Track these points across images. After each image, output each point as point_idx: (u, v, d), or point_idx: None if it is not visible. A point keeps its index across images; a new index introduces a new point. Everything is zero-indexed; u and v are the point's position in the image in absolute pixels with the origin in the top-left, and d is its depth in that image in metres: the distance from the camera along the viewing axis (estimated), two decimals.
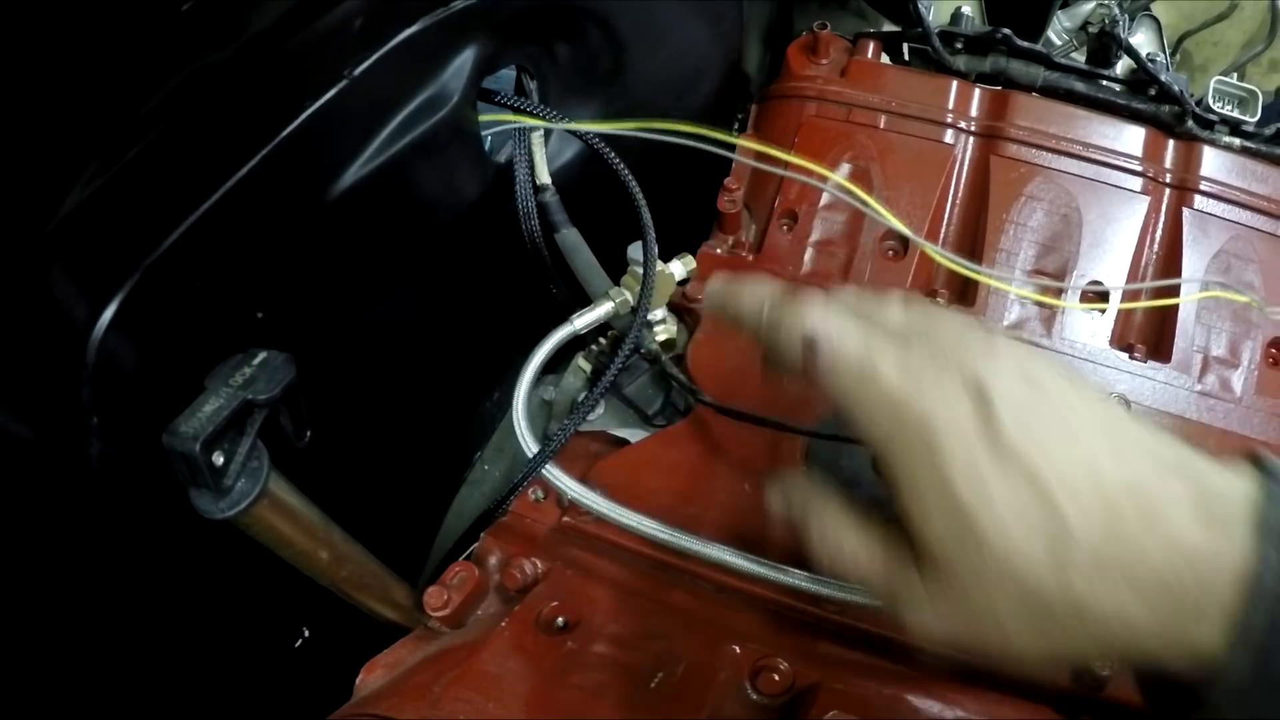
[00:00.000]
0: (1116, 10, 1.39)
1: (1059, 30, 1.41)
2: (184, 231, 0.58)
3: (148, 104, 0.52)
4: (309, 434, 0.59)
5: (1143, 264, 0.90)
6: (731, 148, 0.87)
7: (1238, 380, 0.85)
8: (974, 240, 0.91)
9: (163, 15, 0.49)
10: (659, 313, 0.81)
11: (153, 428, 0.51)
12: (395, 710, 0.60)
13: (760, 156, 0.91)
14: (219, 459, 0.52)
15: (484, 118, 0.77)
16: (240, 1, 0.55)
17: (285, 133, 0.61)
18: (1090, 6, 1.41)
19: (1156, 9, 1.46)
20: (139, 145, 0.53)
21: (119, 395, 0.57)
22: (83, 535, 0.59)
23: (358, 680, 0.64)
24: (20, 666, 0.58)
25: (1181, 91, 0.93)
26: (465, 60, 0.72)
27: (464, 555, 0.73)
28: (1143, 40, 1.07)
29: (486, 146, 0.80)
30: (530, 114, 0.79)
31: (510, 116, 0.79)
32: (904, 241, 0.88)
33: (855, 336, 0.45)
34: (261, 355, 0.56)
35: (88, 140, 0.51)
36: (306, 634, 0.78)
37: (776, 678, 0.64)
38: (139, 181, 0.54)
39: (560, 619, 0.66)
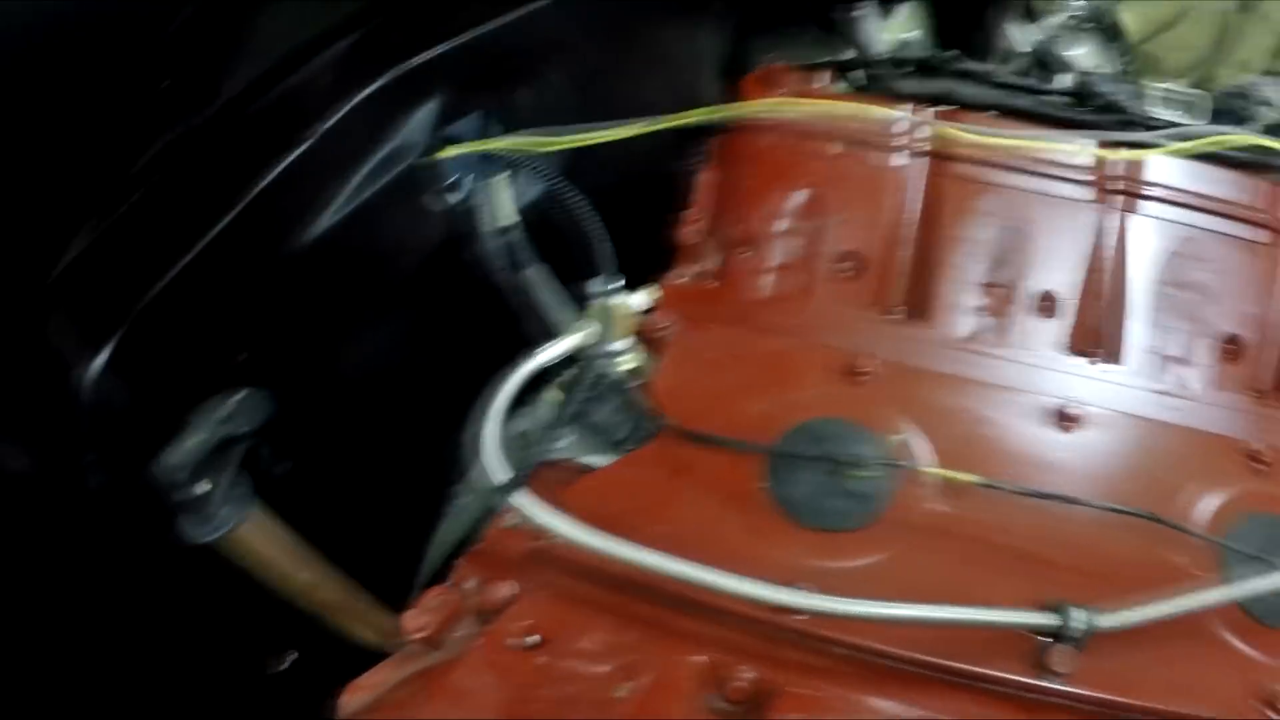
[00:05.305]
0: (1074, 21, 1.43)
1: (1021, 42, 1.44)
2: (169, 281, 0.62)
3: (133, 168, 0.57)
4: (289, 465, 0.63)
5: (1095, 271, 0.92)
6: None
7: (1195, 378, 0.87)
8: (929, 258, 0.94)
9: (144, 92, 0.55)
10: (624, 342, 0.84)
11: (146, 462, 0.56)
12: None
13: (719, 184, 0.95)
14: (203, 488, 0.56)
15: (448, 158, 0.81)
16: (211, 75, 0.60)
17: (258, 188, 0.66)
18: (1060, 19, 1.44)
19: (1122, 11, 1.48)
20: (125, 206, 0.58)
21: (113, 432, 0.61)
22: (78, 561, 0.63)
23: (340, 700, 0.67)
24: (14, 685, 0.61)
25: (1126, 101, 0.96)
26: (428, 111, 0.77)
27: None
28: (1089, 51, 1.10)
29: (451, 191, 0.84)
30: (493, 156, 0.83)
31: (475, 149, 0.82)
32: (860, 262, 0.92)
33: None
34: (242, 393, 0.60)
35: (81, 203, 0.56)
36: (295, 656, 0.81)
37: (740, 684, 0.67)
38: (127, 237, 0.59)
39: (532, 637, 0.69)
